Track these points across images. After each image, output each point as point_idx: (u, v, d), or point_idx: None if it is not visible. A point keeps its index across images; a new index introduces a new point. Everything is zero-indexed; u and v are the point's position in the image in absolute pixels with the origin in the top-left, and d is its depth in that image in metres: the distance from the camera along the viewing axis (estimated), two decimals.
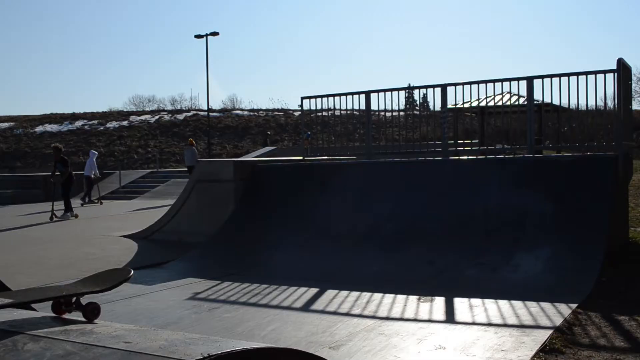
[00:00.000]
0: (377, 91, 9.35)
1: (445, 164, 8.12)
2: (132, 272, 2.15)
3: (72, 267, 7.18)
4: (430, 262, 6.29)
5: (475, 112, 15.12)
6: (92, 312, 1.92)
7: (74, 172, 14.72)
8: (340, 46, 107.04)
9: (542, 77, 7.87)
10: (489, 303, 4.95)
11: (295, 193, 8.50)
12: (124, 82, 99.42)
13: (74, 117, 42.93)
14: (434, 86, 9.05)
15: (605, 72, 7.21)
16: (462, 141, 12.70)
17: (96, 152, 19.66)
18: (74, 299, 1.93)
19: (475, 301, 5.04)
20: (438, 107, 9.35)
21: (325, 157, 10.47)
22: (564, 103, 8.04)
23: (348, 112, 10.53)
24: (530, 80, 7.95)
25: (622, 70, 7.04)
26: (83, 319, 1.88)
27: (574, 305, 4.69)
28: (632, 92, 12.18)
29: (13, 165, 34.28)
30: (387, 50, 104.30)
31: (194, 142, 18.72)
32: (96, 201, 17.72)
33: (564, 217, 6.35)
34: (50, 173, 14.54)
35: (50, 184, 14.39)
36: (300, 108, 10.93)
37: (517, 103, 9.88)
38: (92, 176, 17.71)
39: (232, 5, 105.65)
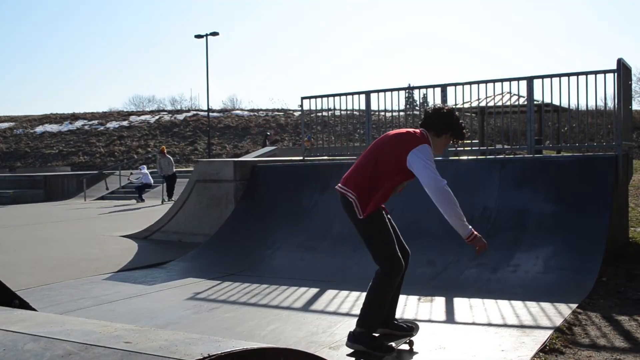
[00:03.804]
0: (377, 91, 9.35)
1: (445, 164, 8.12)
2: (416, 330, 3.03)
3: (72, 267, 7.18)
4: (430, 262, 6.29)
5: (475, 112, 15.13)
6: None
7: (69, 173, 14.77)
8: (340, 46, 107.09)
9: (542, 77, 7.87)
10: (489, 303, 4.95)
11: (295, 193, 8.50)
12: (124, 82, 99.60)
13: (74, 117, 42.93)
14: (434, 86, 9.04)
15: (605, 72, 7.20)
16: (462, 141, 12.67)
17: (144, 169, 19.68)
18: None
19: (475, 301, 5.04)
20: None
21: (325, 157, 10.47)
22: (564, 103, 8.05)
23: (348, 112, 10.53)
24: (530, 80, 7.95)
25: (622, 70, 7.03)
26: (83, 318, 1.88)
27: (574, 305, 4.69)
28: (632, 92, 12.17)
29: (13, 165, 34.28)
30: (388, 49, 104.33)
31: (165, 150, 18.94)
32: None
33: (564, 217, 6.35)
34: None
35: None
36: (300, 108, 10.93)
37: (517, 103, 9.88)
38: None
39: (232, 5, 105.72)
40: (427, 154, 3.50)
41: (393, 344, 3.59)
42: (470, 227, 3.56)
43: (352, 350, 3.54)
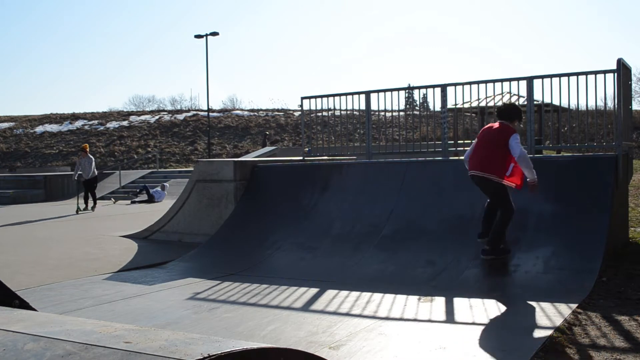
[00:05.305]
0: (377, 91, 9.34)
1: (445, 164, 8.12)
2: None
3: (72, 267, 7.18)
4: (430, 262, 6.29)
5: (475, 112, 15.11)
6: None
7: (69, 173, 14.73)
8: (340, 46, 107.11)
9: (542, 77, 7.86)
10: (489, 303, 4.95)
11: (295, 193, 8.50)
12: (124, 82, 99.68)
13: (74, 117, 42.95)
14: (434, 86, 9.04)
15: (605, 72, 7.20)
16: (462, 141, 12.68)
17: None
18: None
19: (475, 301, 5.04)
20: (438, 107, 9.35)
21: (325, 157, 10.47)
22: (564, 103, 8.04)
23: (348, 112, 10.53)
24: (530, 80, 7.94)
25: (622, 70, 7.03)
26: (83, 318, 1.88)
27: (574, 305, 4.69)
28: (632, 92, 12.16)
29: (13, 165, 34.28)
30: (387, 49, 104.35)
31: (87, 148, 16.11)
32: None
33: (564, 217, 6.35)
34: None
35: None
36: (300, 108, 10.93)
37: (517, 103, 9.87)
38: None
39: (232, 5, 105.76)
40: (519, 138, 5.83)
41: (504, 247, 5.93)
42: (535, 176, 5.83)
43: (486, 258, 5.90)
